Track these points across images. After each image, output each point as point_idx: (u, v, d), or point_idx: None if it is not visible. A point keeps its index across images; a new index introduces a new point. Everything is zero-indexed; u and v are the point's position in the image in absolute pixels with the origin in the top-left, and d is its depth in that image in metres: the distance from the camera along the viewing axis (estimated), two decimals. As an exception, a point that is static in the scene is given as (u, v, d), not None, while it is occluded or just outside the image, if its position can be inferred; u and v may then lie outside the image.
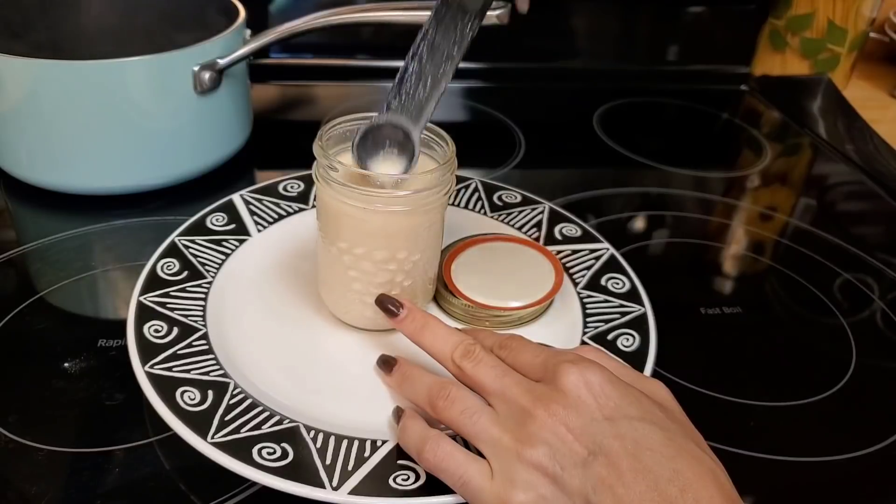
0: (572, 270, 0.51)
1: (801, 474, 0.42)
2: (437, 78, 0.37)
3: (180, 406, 0.37)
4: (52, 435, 0.40)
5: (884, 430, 0.45)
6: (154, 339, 0.41)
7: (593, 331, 0.46)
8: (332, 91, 0.83)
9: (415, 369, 0.39)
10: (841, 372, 0.49)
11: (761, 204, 0.70)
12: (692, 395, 0.46)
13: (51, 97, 0.53)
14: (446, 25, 0.36)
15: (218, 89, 0.59)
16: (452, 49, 0.37)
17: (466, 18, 0.36)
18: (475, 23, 0.36)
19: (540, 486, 0.31)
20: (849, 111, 0.85)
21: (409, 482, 0.35)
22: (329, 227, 0.43)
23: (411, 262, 0.43)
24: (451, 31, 0.36)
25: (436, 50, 0.37)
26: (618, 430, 0.31)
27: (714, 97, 0.91)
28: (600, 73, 0.90)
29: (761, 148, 0.80)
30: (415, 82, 0.38)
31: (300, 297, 0.48)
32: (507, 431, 0.33)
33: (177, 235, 0.50)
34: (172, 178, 0.60)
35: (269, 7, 0.80)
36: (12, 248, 0.54)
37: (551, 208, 0.57)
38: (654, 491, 0.29)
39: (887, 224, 0.69)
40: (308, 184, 0.57)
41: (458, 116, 0.82)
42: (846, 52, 0.90)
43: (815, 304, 0.56)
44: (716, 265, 0.61)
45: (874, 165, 0.76)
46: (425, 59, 0.37)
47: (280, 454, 0.36)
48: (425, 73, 0.37)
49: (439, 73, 0.37)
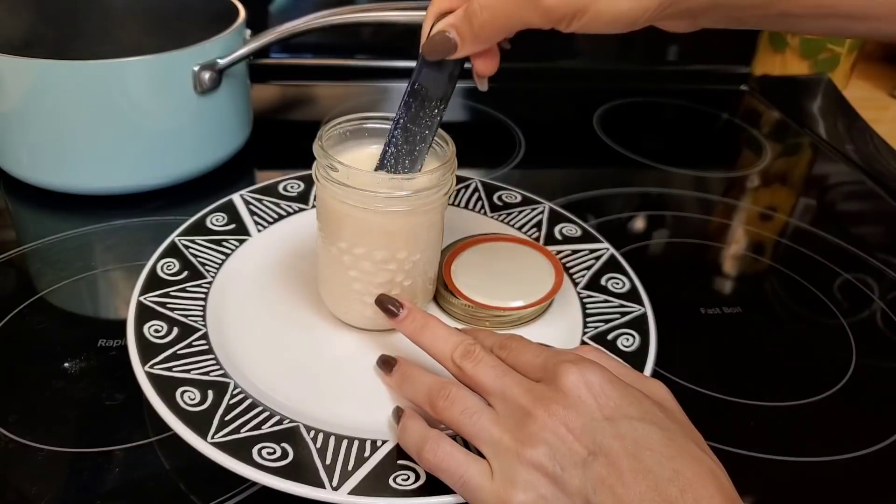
0: (572, 270, 0.51)
1: (801, 474, 0.42)
2: (414, 157, 0.42)
3: (180, 406, 0.37)
4: (52, 435, 0.40)
5: (884, 430, 0.45)
6: (154, 339, 0.41)
7: (593, 331, 0.46)
8: (332, 91, 0.83)
9: (415, 369, 0.39)
10: (841, 372, 0.49)
11: (761, 204, 0.70)
12: (692, 395, 0.46)
13: (51, 97, 0.53)
14: (414, 113, 0.41)
15: (218, 89, 0.59)
16: (424, 131, 0.41)
17: (433, 105, 0.41)
18: (442, 107, 0.41)
19: (540, 486, 0.31)
20: (849, 111, 0.85)
21: (409, 482, 0.35)
22: (329, 227, 0.43)
23: (411, 262, 0.43)
24: (422, 117, 0.41)
25: (410, 133, 0.41)
26: (618, 430, 0.31)
27: (714, 97, 0.91)
28: (600, 73, 0.90)
29: (761, 148, 0.80)
30: (394, 164, 0.42)
31: (300, 297, 0.48)
32: (507, 431, 0.33)
33: (177, 235, 0.50)
34: (172, 178, 0.60)
35: (269, 7, 0.80)
36: (12, 248, 0.54)
37: (551, 208, 0.57)
38: (654, 491, 0.29)
39: (887, 224, 0.69)
40: (308, 184, 0.57)
41: (458, 116, 0.82)
42: (846, 52, 0.90)
43: (815, 304, 0.56)
44: (716, 265, 0.61)
45: (874, 165, 0.76)
46: (401, 142, 0.41)
47: (280, 454, 0.36)
48: (402, 156, 0.42)
49: (415, 152, 0.42)
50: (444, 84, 0.40)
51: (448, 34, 0.37)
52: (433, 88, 0.40)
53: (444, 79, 0.40)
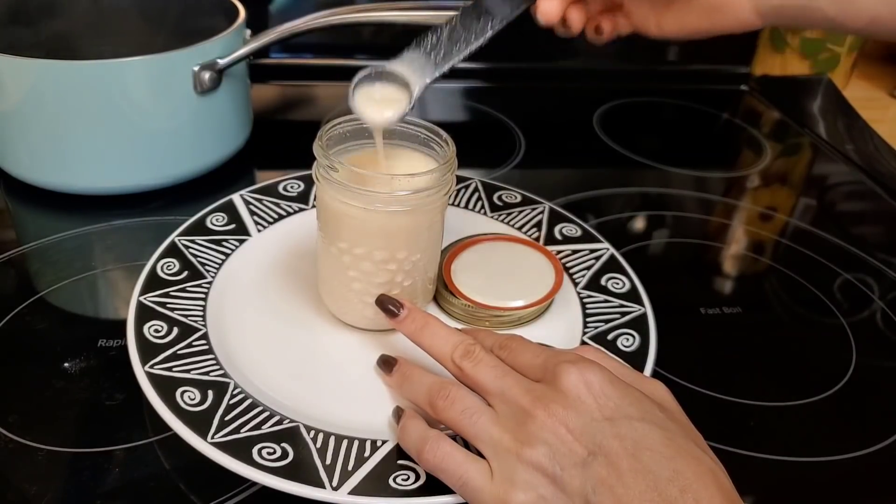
0: (572, 270, 0.51)
1: (801, 474, 0.42)
2: (450, 54, 0.41)
3: (180, 406, 0.37)
4: (52, 435, 0.40)
5: (884, 430, 0.45)
6: (154, 339, 0.41)
7: (593, 331, 0.46)
8: (332, 91, 0.83)
9: (415, 369, 0.39)
10: (841, 372, 0.49)
11: (761, 204, 0.70)
12: (692, 395, 0.46)
13: (51, 97, 0.53)
14: (469, 20, 0.41)
15: (218, 89, 0.59)
16: (470, 37, 0.41)
17: (489, 20, 0.40)
18: (497, 26, 0.40)
19: (540, 487, 0.31)
20: (849, 111, 0.85)
21: (409, 482, 0.35)
22: (329, 227, 0.43)
23: (411, 262, 0.43)
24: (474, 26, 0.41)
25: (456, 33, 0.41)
26: (617, 431, 0.31)
27: (714, 97, 0.91)
28: (600, 73, 0.90)
29: (761, 148, 0.80)
30: (428, 49, 0.41)
31: (300, 297, 0.48)
32: (506, 431, 0.33)
33: (177, 235, 0.50)
34: (172, 178, 0.60)
35: (269, 7, 0.80)
36: (12, 248, 0.54)
37: (551, 208, 0.57)
38: (653, 491, 0.29)
39: (887, 224, 0.69)
40: (308, 184, 0.57)
41: (458, 116, 0.82)
42: (846, 52, 0.90)
43: (815, 304, 0.56)
44: (716, 265, 0.61)
45: (874, 165, 0.76)
46: (444, 37, 0.41)
47: (280, 454, 0.36)
48: (440, 46, 0.41)
49: (453, 51, 0.41)
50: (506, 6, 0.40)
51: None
52: (495, 7, 0.41)
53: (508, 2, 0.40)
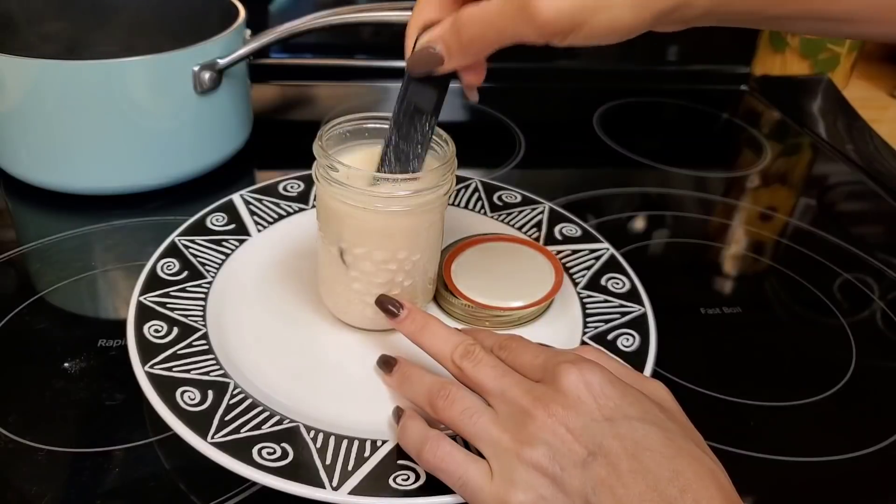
0: (572, 270, 0.51)
1: (801, 474, 0.42)
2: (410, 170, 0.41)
3: (180, 406, 0.37)
4: (52, 435, 0.40)
5: (884, 430, 0.45)
6: (154, 339, 0.41)
7: (593, 331, 0.46)
8: (332, 91, 0.83)
9: (415, 369, 0.39)
10: (841, 372, 0.49)
11: (761, 204, 0.70)
12: (692, 395, 0.46)
13: (51, 97, 0.53)
14: (406, 131, 0.39)
15: (218, 89, 0.59)
16: (417, 147, 0.40)
17: (423, 119, 0.39)
18: (433, 119, 0.39)
19: (539, 487, 0.31)
20: (849, 111, 0.85)
21: (409, 482, 0.35)
22: (329, 227, 0.43)
23: (411, 262, 0.43)
24: (413, 133, 0.39)
25: (401, 152, 0.40)
26: (617, 431, 0.31)
27: (714, 97, 0.91)
28: (600, 73, 0.90)
29: (761, 148, 0.80)
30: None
31: (300, 297, 0.48)
32: (506, 432, 0.33)
33: (177, 235, 0.50)
34: (172, 178, 0.60)
35: (269, 7, 0.80)
36: (12, 248, 0.54)
37: (551, 208, 0.57)
38: (653, 491, 0.29)
39: (887, 224, 0.69)
40: (308, 184, 0.57)
41: (458, 116, 0.82)
42: (846, 52, 0.90)
43: (815, 304, 0.56)
44: (716, 265, 0.61)
45: (874, 165, 0.76)
46: (393, 160, 0.40)
47: (280, 454, 0.36)
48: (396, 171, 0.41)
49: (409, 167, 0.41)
50: (433, 97, 0.38)
51: (434, 48, 0.35)
52: (422, 103, 0.38)
53: (432, 92, 0.38)
